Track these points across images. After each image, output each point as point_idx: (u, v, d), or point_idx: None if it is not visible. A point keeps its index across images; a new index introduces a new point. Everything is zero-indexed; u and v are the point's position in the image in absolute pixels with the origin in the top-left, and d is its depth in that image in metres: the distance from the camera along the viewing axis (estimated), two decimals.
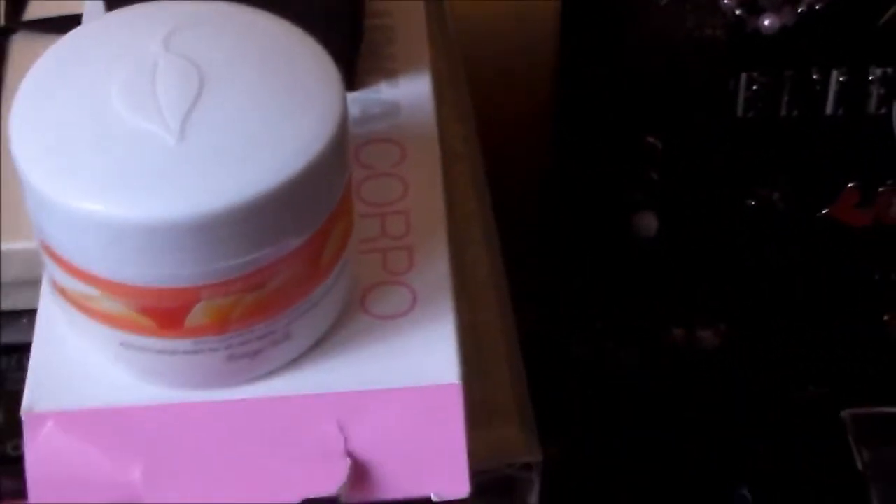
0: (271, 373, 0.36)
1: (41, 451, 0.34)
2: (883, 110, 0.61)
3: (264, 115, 0.33)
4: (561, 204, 0.64)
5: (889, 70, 0.60)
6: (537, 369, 0.55)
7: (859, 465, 0.57)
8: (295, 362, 0.36)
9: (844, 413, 0.59)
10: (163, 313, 0.33)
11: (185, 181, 0.31)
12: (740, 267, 0.64)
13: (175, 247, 0.31)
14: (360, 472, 0.35)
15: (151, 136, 0.32)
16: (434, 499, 0.35)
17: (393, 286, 0.38)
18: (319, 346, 0.37)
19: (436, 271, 0.38)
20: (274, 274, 0.33)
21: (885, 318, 0.66)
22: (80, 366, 0.36)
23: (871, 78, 0.60)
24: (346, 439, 0.35)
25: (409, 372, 0.36)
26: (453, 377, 0.36)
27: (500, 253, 0.45)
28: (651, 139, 0.61)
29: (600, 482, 0.60)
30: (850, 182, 0.62)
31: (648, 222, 0.63)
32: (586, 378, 0.64)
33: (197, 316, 0.33)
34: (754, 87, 0.60)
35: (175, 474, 0.35)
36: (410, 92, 0.44)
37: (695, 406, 0.63)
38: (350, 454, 0.35)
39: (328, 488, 0.35)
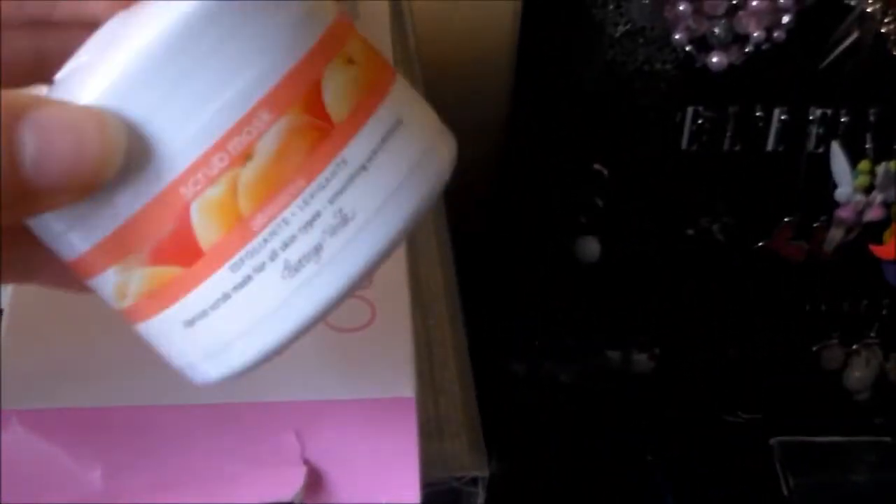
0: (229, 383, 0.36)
1: (7, 450, 0.35)
2: (821, 149, 0.63)
3: None
4: (508, 224, 0.65)
5: (828, 111, 0.62)
6: (477, 384, 0.56)
7: (785, 491, 0.59)
8: (252, 372, 0.37)
9: (773, 440, 0.61)
10: (168, 247, 0.27)
11: None
12: (678, 294, 0.66)
13: None
14: (315, 479, 0.36)
15: None
16: None
17: (353, 300, 0.39)
18: (278, 356, 0.37)
19: (395, 288, 0.40)
20: (258, 134, 0.27)
21: (815, 348, 0.68)
22: (47, 366, 0.36)
23: (811, 118, 0.62)
24: (302, 447, 0.36)
25: (366, 384, 0.37)
26: (408, 391, 0.37)
27: (454, 270, 0.46)
28: (598, 166, 0.63)
29: (537, 496, 0.61)
30: (787, 217, 0.64)
31: (591, 247, 0.65)
32: (524, 395, 0.66)
33: (202, 226, 0.27)
34: (700, 121, 0.62)
35: (134, 475, 0.36)
36: None
37: (628, 426, 0.64)
38: (306, 461, 0.36)
39: (284, 493, 0.36)
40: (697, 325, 0.66)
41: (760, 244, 0.64)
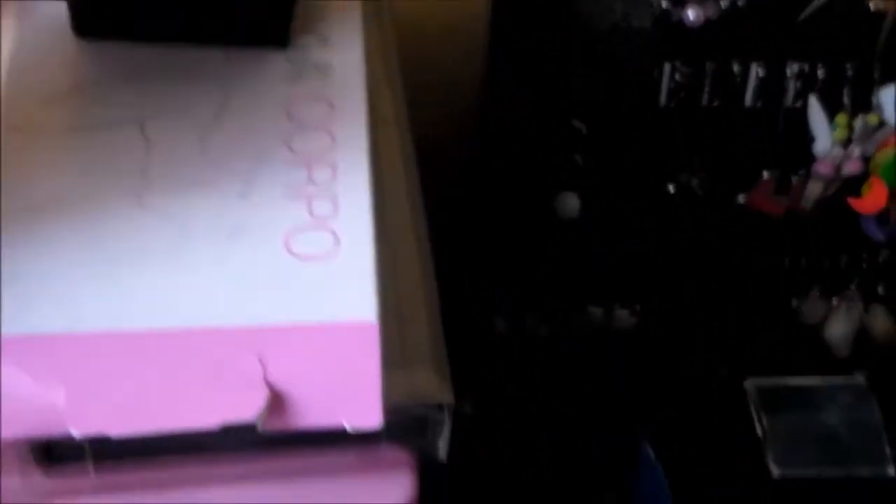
0: (191, 308, 0.37)
1: None
2: (798, 103, 0.63)
3: None
4: (487, 182, 0.65)
5: (805, 65, 0.62)
6: (461, 340, 0.56)
7: (759, 432, 0.60)
8: (217, 297, 0.38)
9: (747, 383, 0.61)
10: None
11: None
12: (658, 250, 0.66)
13: None
14: (277, 402, 0.37)
15: None
16: (347, 428, 0.37)
17: (317, 230, 0.40)
18: (240, 283, 0.38)
19: (359, 218, 0.40)
20: None
21: (795, 303, 0.68)
22: (8, 291, 0.37)
23: (788, 72, 0.62)
24: (265, 371, 0.37)
25: (329, 310, 0.38)
26: (371, 316, 0.37)
27: (423, 209, 0.47)
28: (576, 123, 0.63)
29: (512, 439, 0.62)
30: (766, 171, 0.64)
31: (571, 203, 0.65)
32: (507, 350, 0.66)
33: None
34: (677, 77, 0.63)
35: (98, 401, 0.36)
36: (342, 53, 0.46)
37: (608, 381, 0.64)
38: (269, 384, 0.37)
39: (246, 415, 0.36)
40: (678, 280, 0.67)
41: (740, 199, 0.64)
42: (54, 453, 0.40)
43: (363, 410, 0.37)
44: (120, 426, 0.36)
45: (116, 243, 0.39)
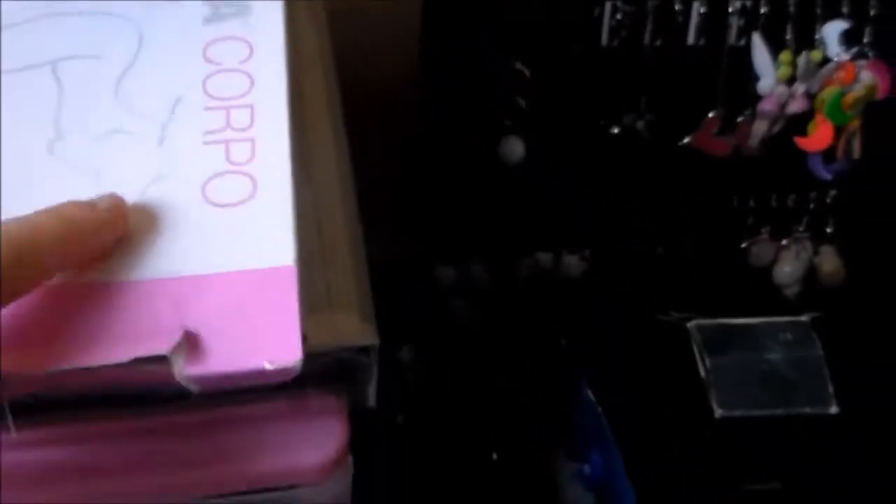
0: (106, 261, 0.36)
1: None
2: (742, 42, 0.62)
3: None
4: (431, 128, 0.65)
5: (748, 2, 0.62)
6: (401, 289, 0.56)
7: (702, 373, 0.59)
8: (134, 251, 0.37)
9: (690, 324, 0.61)
10: None
11: None
12: (605, 194, 0.66)
13: None
14: (194, 345, 0.36)
15: None
16: (267, 366, 0.36)
17: (235, 175, 0.39)
18: (158, 234, 0.37)
19: (277, 161, 0.39)
20: None
21: (744, 244, 0.68)
22: None
23: (730, 10, 0.62)
24: (181, 318, 0.36)
25: (246, 256, 0.37)
26: (288, 259, 0.37)
27: (348, 154, 0.46)
28: (518, 65, 0.63)
29: (452, 385, 0.61)
30: (711, 112, 0.63)
31: (516, 148, 0.64)
32: (449, 297, 0.66)
33: None
34: (618, 17, 0.62)
35: (19, 350, 0.36)
36: None
37: (553, 327, 0.64)
38: (187, 331, 0.36)
39: (159, 349, 0.35)
40: (626, 224, 0.66)
41: (685, 140, 0.64)
42: None
43: (283, 349, 0.36)
44: (33, 365, 0.35)
45: (29, 193, 0.38)
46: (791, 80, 0.63)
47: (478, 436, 0.59)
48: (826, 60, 0.62)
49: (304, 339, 0.36)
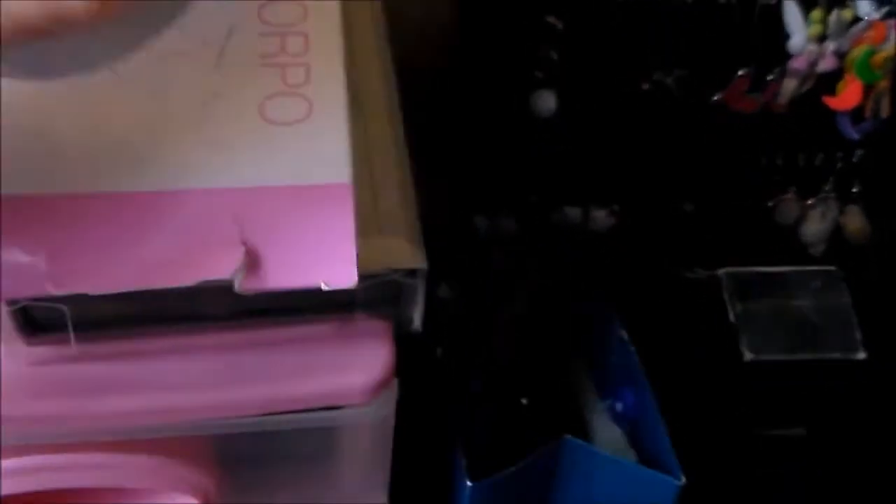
0: (168, 172, 0.37)
1: None
2: (773, 1, 0.63)
3: None
4: (465, 83, 0.65)
5: None
6: (441, 240, 0.57)
7: (732, 318, 0.60)
8: (192, 162, 0.38)
9: (721, 271, 0.62)
10: None
11: None
12: (635, 149, 0.67)
13: None
14: (254, 263, 0.37)
15: None
16: (323, 287, 0.37)
17: (290, 97, 0.40)
18: (217, 147, 0.38)
19: (331, 86, 0.40)
20: None
21: (771, 203, 0.68)
22: None
23: None
24: (241, 230, 0.37)
25: (304, 172, 0.38)
26: (345, 177, 0.38)
27: (396, 87, 0.47)
28: (551, 19, 0.63)
29: (487, 324, 0.62)
30: (741, 69, 0.64)
31: (548, 101, 0.65)
32: (486, 249, 0.66)
33: None
34: None
35: (76, 259, 0.37)
36: None
37: (585, 277, 0.65)
38: (245, 245, 0.37)
39: (223, 272, 0.36)
40: (655, 180, 0.67)
41: (715, 97, 0.64)
42: (36, 322, 0.40)
43: (338, 270, 0.37)
44: (97, 285, 0.36)
45: (95, 110, 0.39)
46: (822, 39, 0.63)
47: (510, 375, 0.60)
48: (857, 19, 0.63)
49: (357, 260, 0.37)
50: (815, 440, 0.56)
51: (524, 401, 0.59)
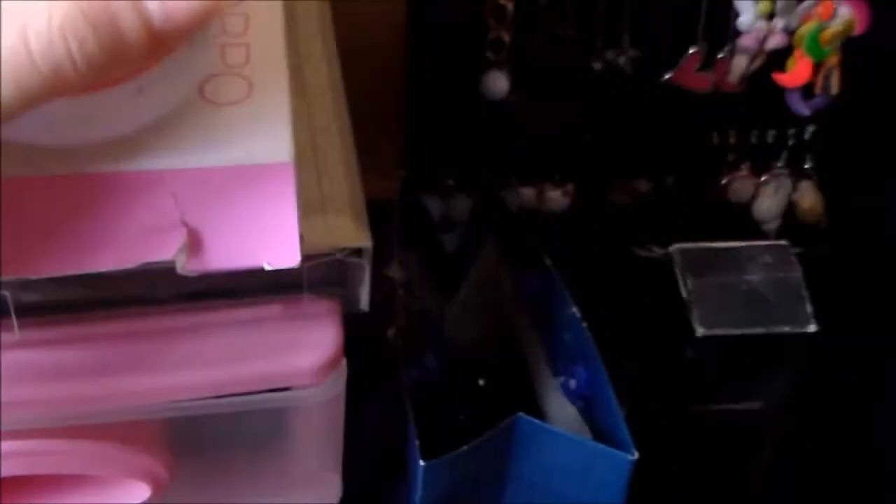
0: (106, 154, 0.37)
1: None
2: None
3: None
4: (415, 64, 0.65)
5: None
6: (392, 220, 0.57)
7: (684, 294, 0.61)
8: (133, 143, 0.38)
9: (672, 248, 0.62)
10: None
11: None
12: (588, 128, 0.67)
13: None
14: (196, 244, 0.37)
15: None
16: (266, 267, 0.37)
17: (231, 77, 0.40)
18: (155, 129, 0.38)
19: (272, 65, 0.40)
20: None
21: (724, 180, 0.69)
22: None
23: None
24: (182, 211, 0.37)
25: (245, 151, 0.38)
26: (286, 156, 0.38)
27: (339, 69, 0.47)
28: (502, 0, 0.63)
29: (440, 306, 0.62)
30: (692, 48, 0.64)
31: (499, 82, 0.65)
32: (438, 229, 0.67)
33: None
34: None
35: (16, 245, 0.36)
36: None
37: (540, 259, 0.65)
38: (187, 226, 0.37)
39: (165, 254, 0.36)
40: (609, 159, 0.67)
41: (667, 76, 0.64)
42: None
43: (281, 250, 0.37)
44: (37, 269, 0.36)
45: None
46: (770, 16, 0.64)
47: (465, 354, 0.60)
48: None
49: (301, 240, 0.37)
50: (769, 414, 0.56)
51: (481, 382, 0.59)
